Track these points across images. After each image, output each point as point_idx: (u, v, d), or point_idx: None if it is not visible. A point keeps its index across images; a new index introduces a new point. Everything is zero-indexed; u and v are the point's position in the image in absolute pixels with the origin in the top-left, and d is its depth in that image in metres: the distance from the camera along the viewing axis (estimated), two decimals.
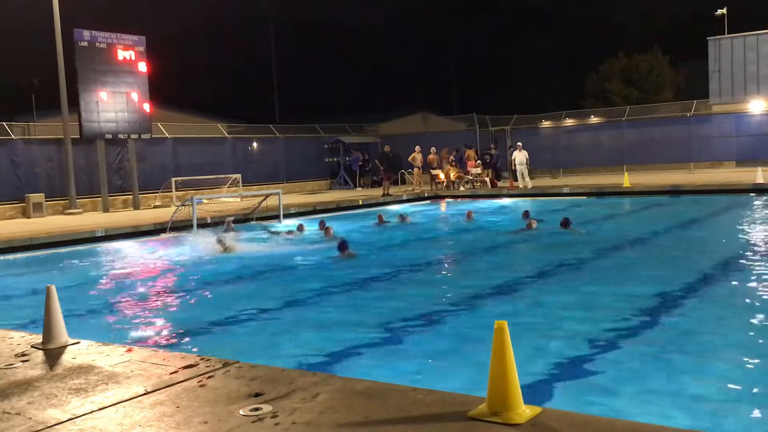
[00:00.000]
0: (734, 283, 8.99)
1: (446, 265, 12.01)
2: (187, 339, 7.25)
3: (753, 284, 8.70)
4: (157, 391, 3.86)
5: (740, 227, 13.96)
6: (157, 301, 9.46)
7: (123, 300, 9.48)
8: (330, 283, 9.98)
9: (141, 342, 7.11)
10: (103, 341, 5.39)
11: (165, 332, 7.65)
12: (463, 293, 9.00)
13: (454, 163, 27.69)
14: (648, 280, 9.23)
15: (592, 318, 7.33)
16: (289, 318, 8.13)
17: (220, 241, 13.59)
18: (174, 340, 7.25)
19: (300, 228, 16.14)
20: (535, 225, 14.84)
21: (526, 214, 17.02)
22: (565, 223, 14.64)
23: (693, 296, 8.25)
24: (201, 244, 14.26)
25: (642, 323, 7.01)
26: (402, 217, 18.48)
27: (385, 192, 25.25)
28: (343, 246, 12.20)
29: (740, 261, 10.37)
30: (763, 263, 10.03)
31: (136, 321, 8.23)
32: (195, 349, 6.69)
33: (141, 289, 10.26)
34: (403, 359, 6.25)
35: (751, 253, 10.92)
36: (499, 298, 8.71)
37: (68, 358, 4.69)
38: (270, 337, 7.23)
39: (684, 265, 10.30)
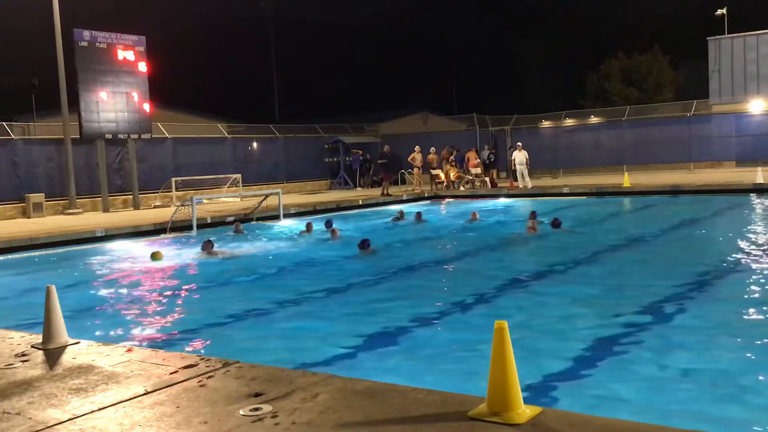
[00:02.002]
0: (734, 283, 8.98)
1: (446, 266, 12.00)
2: (187, 339, 7.25)
3: (753, 284, 8.69)
4: (157, 391, 3.86)
5: (740, 227, 13.95)
6: (157, 301, 9.46)
7: (123, 300, 9.48)
8: (330, 284, 9.99)
9: (141, 342, 7.11)
10: (103, 341, 5.39)
11: (165, 332, 7.65)
12: (463, 293, 9.00)
13: (454, 163, 27.67)
14: (648, 280, 9.23)
15: (592, 318, 7.33)
16: (289, 318, 8.13)
17: (208, 245, 13.40)
18: (174, 340, 7.25)
19: (308, 227, 16.16)
20: (536, 228, 14.74)
21: (533, 215, 16.79)
22: (556, 224, 14.76)
23: (693, 296, 8.25)
24: (199, 245, 14.27)
25: (642, 323, 7.01)
26: (418, 214, 18.47)
27: (385, 192, 25.25)
28: (366, 243, 12.67)
29: (740, 261, 10.37)
30: (763, 263, 10.03)
31: (136, 321, 8.23)
32: (194, 349, 6.70)
33: (141, 289, 10.26)
34: (403, 359, 6.25)
35: (751, 253, 10.92)
36: (500, 298, 8.72)
37: (68, 358, 4.68)
38: (270, 337, 7.23)
39: (684, 265, 10.30)
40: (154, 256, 13.11)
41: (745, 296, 8.10)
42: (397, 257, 12.48)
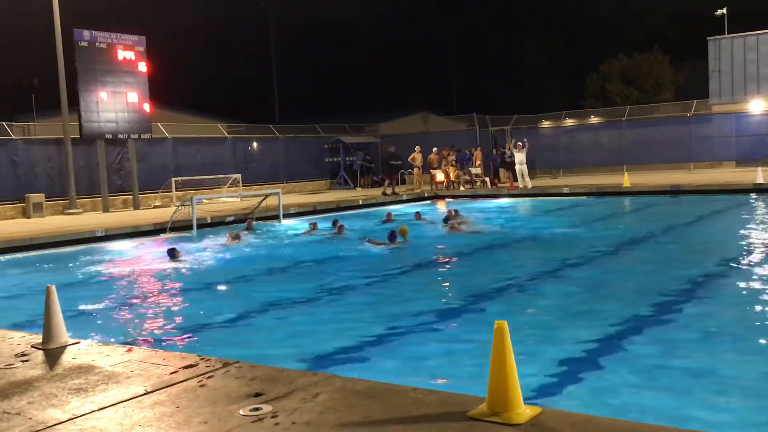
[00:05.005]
0: (734, 283, 8.97)
1: (445, 265, 12.00)
2: (187, 339, 7.25)
3: (753, 284, 8.69)
4: (157, 391, 3.86)
5: (740, 227, 13.94)
6: (157, 301, 9.46)
7: (123, 300, 9.48)
8: (329, 284, 9.99)
9: (141, 342, 7.11)
10: (103, 341, 5.39)
11: (165, 332, 7.65)
12: (462, 293, 9.00)
13: (454, 163, 27.65)
14: (648, 280, 9.23)
15: (592, 317, 7.33)
16: (289, 318, 8.12)
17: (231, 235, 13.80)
18: (174, 340, 7.25)
19: (313, 226, 16.31)
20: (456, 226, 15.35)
21: (417, 215, 17.87)
22: (417, 216, 17.33)
23: (693, 296, 8.25)
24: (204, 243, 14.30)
25: (642, 322, 7.01)
26: (417, 214, 18.52)
27: (384, 192, 25.26)
28: (393, 235, 13.37)
29: (740, 261, 10.35)
30: (763, 263, 10.03)
31: (136, 321, 8.23)
32: (194, 349, 6.69)
33: (141, 289, 10.26)
34: (403, 359, 6.25)
35: (750, 253, 10.91)
36: (499, 298, 8.71)
37: (68, 358, 4.68)
38: (270, 337, 7.23)
39: (684, 265, 10.30)
40: (173, 256, 12.76)
41: (746, 296, 8.09)
42: (395, 257, 12.47)
